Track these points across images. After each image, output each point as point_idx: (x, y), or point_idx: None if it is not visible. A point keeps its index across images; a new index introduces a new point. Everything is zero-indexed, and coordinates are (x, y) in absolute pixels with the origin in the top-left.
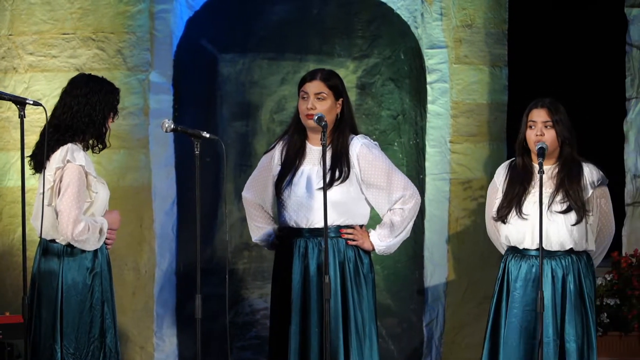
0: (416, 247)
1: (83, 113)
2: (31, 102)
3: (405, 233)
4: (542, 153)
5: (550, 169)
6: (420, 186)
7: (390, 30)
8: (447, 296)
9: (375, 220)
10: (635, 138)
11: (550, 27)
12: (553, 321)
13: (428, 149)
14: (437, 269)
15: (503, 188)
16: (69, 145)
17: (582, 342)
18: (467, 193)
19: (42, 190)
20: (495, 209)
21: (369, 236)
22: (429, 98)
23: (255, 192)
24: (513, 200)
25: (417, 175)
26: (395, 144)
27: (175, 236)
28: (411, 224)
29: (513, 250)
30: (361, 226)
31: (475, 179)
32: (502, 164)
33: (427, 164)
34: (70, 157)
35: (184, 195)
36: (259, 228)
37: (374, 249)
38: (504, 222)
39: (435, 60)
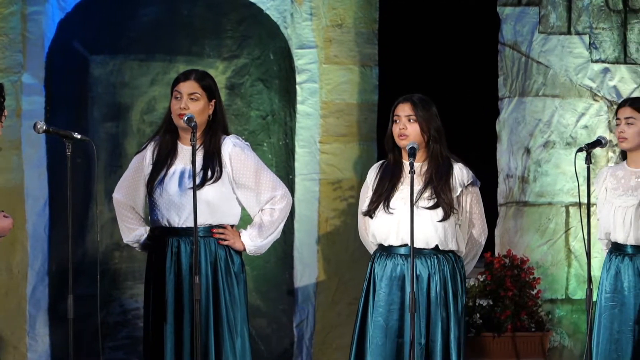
0: (286, 247)
1: None
2: None
3: (277, 234)
4: (412, 153)
5: (418, 165)
6: (290, 187)
7: (259, 30)
8: (317, 296)
9: (245, 220)
10: (507, 138)
11: (422, 26)
12: (417, 321)
13: (297, 149)
14: (307, 270)
15: (373, 186)
16: None
17: (446, 342)
18: (337, 193)
19: None
20: (365, 205)
21: (240, 236)
22: (299, 98)
23: (126, 193)
24: (382, 195)
25: (286, 176)
26: (265, 144)
27: (47, 236)
28: (282, 224)
29: (381, 248)
30: (232, 226)
31: (345, 179)
32: (375, 164)
33: (296, 164)
34: None
35: (56, 195)
36: (130, 229)
37: (245, 249)
38: (372, 217)
39: (304, 61)
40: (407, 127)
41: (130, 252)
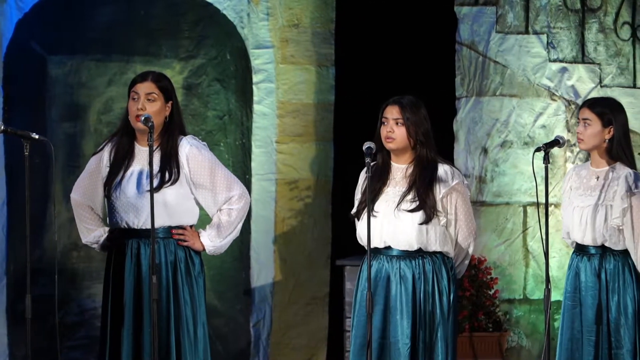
0: (242, 247)
1: None
2: None
3: (235, 233)
4: (369, 153)
5: (404, 168)
6: (247, 187)
7: (216, 30)
8: (274, 296)
9: (204, 220)
10: (465, 137)
11: (378, 26)
12: (400, 322)
13: (254, 149)
14: (263, 270)
15: (362, 188)
16: None
17: (431, 343)
18: (294, 193)
19: None
20: (354, 207)
21: (199, 236)
22: (255, 98)
23: (84, 193)
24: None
25: (243, 176)
26: (222, 144)
27: (6, 237)
28: (241, 224)
29: (372, 250)
30: (191, 226)
31: (302, 179)
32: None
33: (253, 164)
34: None
35: (14, 196)
36: (89, 230)
37: (204, 249)
38: (358, 219)
39: (261, 61)
40: (394, 130)
41: (88, 252)
